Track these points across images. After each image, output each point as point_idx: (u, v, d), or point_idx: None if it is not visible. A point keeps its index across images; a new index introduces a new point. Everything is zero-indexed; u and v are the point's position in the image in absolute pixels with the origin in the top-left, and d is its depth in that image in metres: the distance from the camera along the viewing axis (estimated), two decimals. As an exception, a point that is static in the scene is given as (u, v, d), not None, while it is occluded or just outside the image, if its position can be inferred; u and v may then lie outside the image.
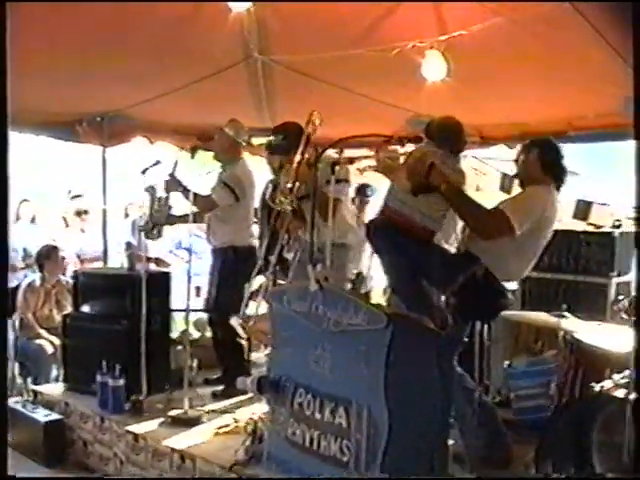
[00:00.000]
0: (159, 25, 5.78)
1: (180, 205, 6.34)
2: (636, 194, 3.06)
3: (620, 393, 3.76)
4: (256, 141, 8.54)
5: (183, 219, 6.05)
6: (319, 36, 5.90)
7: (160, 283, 6.20)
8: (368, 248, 6.05)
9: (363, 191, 8.37)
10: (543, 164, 4.49)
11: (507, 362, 5.32)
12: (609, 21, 5.03)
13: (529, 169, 4.53)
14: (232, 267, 6.25)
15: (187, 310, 5.74)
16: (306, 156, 5.08)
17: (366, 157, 5.31)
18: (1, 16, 3.02)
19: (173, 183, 6.10)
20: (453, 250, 4.56)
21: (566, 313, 4.74)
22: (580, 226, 6.75)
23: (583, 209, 6.95)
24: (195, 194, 6.00)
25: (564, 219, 6.93)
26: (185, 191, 5.99)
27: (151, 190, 6.14)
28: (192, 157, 6.10)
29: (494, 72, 5.97)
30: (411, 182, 4.27)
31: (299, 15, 5.70)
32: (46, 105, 7.14)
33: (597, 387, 3.94)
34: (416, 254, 4.25)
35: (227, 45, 6.22)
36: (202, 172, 6.40)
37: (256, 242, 6.28)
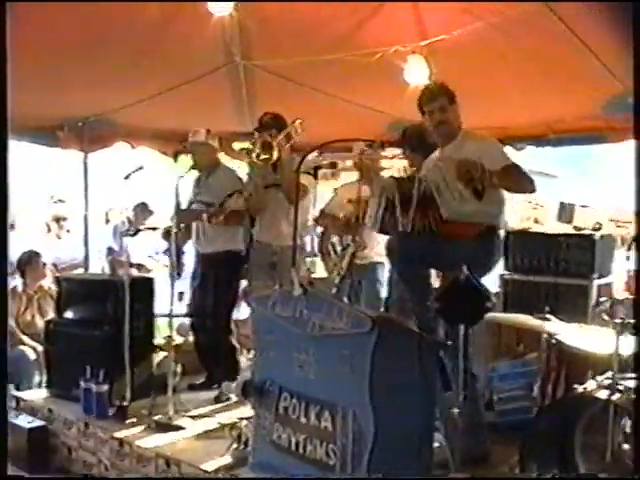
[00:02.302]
0: (140, 29, 5.80)
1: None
2: (636, 194, 3.09)
3: (603, 394, 3.79)
4: (237, 145, 8.59)
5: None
6: (301, 40, 5.93)
7: (143, 288, 6.17)
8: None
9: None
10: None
11: (490, 365, 5.35)
12: (587, 24, 5.10)
13: (456, 118, 4.66)
14: (230, 271, 6.29)
15: (171, 315, 5.73)
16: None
17: (347, 161, 5.39)
18: (1, 16, 3.01)
19: (187, 214, 6.18)
20: None
21: (549, 315, 4.77)
22: (561, 229, 6.81)
23: (567, 212, 7.02)
24: (210, 214, 6.09)
25: (548, 222, 6.99)
26: (200, 219, 6.12)
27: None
28: (175, 161, 6.12)
29: (474, 76, 6.00)
30: (471, 189, 4.31)
31: (281, 19, 5.74)
32: (26, 110, 7.09)
33: (580, 388, 3.97)
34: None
35: (208, 50, 6.25)
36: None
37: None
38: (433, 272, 4.87)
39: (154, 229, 6.54)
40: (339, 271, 4.53)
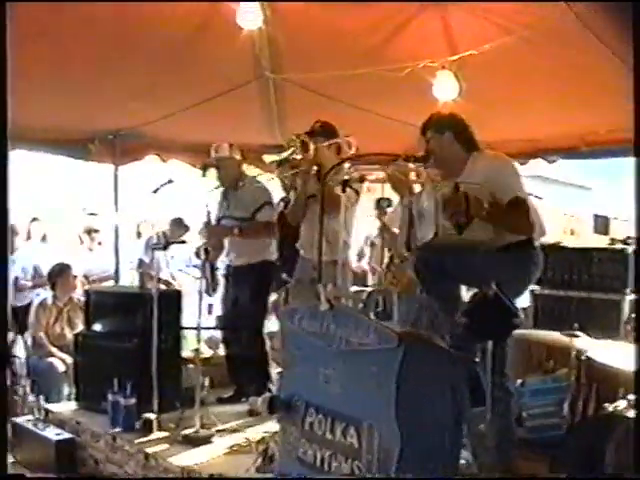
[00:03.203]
0: (171, 43, 5.82)
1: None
2: (636, 209, 3.03)
3: (633, 414, 3.73)
4: (267, 158, 8.58)
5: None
6: (330, 54, 5.93)
7: (171, 301, 6.19)
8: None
9: (380, 204, 8.34)
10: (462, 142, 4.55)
11: (519, 381, 5.29)
12: (617, 34, 5.03)
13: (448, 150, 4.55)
14: (261, 283, 6.31)
15: (199, 328, 5.73)
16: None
17: (376, 173, 5.34)
18: (1, 16, 3.01)
19: (218, 230, 6.25)
20: None
21: (578, 332, 4.71)
22: (598, 241, 6.72)
23: (602, 224, 6.93)
24: (243, 229, 6.15)
25: (585, 234, 6.91)
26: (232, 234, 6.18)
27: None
28: (203, 175, 6.13)
29: (504, 89, 5.98)
30: (454, 223, 4.13)
31: (310, 34, 5.74)
32: (58, 123, 7.17)
33: (610, 407, 3.90)
34: None
35: (238, 63, 6.26)
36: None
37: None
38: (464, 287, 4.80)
39: (183, 242, 6.55)
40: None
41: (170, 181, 5.82)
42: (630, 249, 6.36)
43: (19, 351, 7.49)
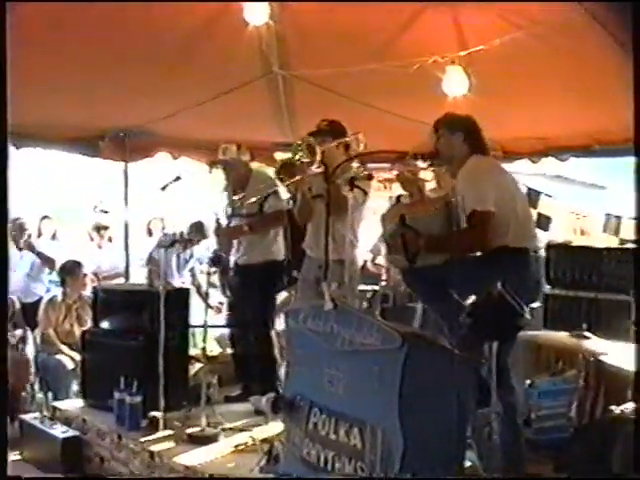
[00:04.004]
0: (179, 39, 5.79)
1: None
2: (636, 206, 2.97)
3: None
4: (278, 156, 8.56)
5: None
6: (339, 50, 5.89)
7: (179, 299, 6.16)
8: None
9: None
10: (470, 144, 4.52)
11: (528, 381, 5.23)
12: (630, 31, 4.96)
13: (457, 150, 4.55)
14: (268, 282, 6.26)
15: (206, 326, 5.70)
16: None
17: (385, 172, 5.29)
18: (1, 16, 3.00)
19: (228, 231, 6.27)
20: None
21: (587, 333, 4.64)
22: (607, 241, 6.63)
23: (613, 224, 6.85)
24: (253, 224, 6.11)
25: (594, 234, 6.83)
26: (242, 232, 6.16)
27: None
28: (210, 171, 6.11)
29: (516, 86, 5.92)
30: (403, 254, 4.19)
31: (319, 30, 5.71)
32: (68, 121, 7.16)
33: (617, 410, 3.84)
34: None
35: (246, 60, 6.22)
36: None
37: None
38: None
39: (190, 241, 6.52)
40: None
41: (178, 178, 5.77)
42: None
43: (28, 348, 7.49)
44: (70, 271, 7.66)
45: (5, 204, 3.02)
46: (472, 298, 3.91)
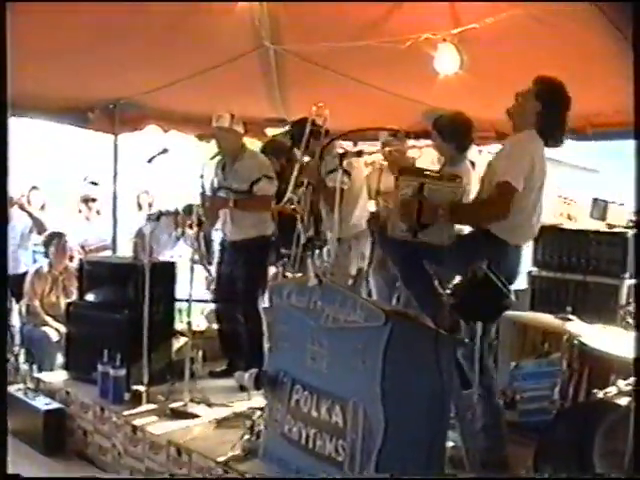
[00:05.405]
0: (169, 12, 5.71)
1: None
2: (636, 194, 2.94)
3: (623, 401, 3.64)
4: (269, 131, 8.51)
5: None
6: (331, 26, 5.83)
7: (164, 273, 6.14)
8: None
9: None
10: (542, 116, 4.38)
11: (513, 363, 5.22)
12: (626, 15, 4.91)
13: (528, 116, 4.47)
14: (257, 258, 6.24)
15: (190, 300, 5.66)
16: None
17: (372, 153, 5.26)
18: (1, 16, 2.97)
19: (214, 201, 6.15)
20: None
21: (571, 315, 4.62)
22: (593, 225, 6.59)
23: (600, 208, 6.80)
24: (239, 201, 6.06)
25: (581, 218, 6.79)
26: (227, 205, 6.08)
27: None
28: (200, 139, 6.08)
29: (509, 66, 5.85)
30: (407, 225, 4.05)
31: (311, 5, 5.62)
32: (59, 91, 7.08)
33: (600, 394, 3.82)
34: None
35: (238, 34, 6.16)
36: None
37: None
38: None
39: (177, 214, 6.47)
40: None
41: (165, 150, 5.70)
42: (630, 233, 6.24)
43: (14, 319, 7.46)
44: (52, 242, 7.60)
45: (5, 202, 2.98)
46: (457, 278, 3.90)
